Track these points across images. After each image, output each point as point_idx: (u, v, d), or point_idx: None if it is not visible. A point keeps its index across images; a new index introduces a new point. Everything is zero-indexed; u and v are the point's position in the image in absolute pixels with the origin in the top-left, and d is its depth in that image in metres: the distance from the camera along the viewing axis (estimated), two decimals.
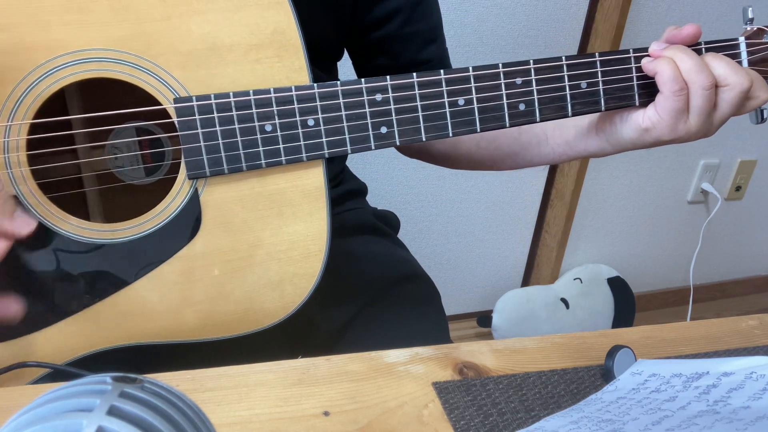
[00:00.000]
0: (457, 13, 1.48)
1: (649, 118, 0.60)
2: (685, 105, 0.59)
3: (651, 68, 0.60)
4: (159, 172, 0.66)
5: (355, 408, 0.51)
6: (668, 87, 0.58)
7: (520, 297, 1.81)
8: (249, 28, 0.55)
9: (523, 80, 0.59)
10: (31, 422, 0.29)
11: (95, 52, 0.54)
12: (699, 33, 0.61)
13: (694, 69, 0.58)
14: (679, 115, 0.59)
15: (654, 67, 0.59)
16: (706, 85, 0.58)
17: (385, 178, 1.61)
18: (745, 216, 2.13)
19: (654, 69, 0.59)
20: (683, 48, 0.59)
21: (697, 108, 0.59)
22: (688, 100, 0.59)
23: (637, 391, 0.52)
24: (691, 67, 0.58)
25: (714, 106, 0.60)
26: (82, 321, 0.57)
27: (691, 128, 0.60)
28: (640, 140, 0.63)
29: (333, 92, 0.57)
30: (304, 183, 0.58)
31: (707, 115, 0.59)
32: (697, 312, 2.10)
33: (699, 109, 0.59)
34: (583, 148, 0.68)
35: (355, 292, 0.79)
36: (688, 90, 0.58)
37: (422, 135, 0.59)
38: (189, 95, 0.55)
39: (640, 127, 0.61)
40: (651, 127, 0.61)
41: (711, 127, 0.61)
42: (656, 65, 0.59)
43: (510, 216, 1.82)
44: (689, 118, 0.59)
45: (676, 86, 0.58)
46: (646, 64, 0.60)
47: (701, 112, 0.59)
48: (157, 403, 0.30)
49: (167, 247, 0.57)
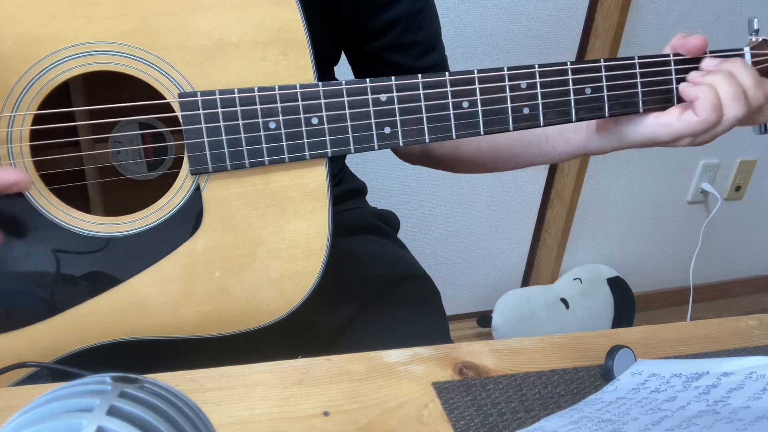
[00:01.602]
0: (457, 13, 1.48)
1: (662, 125, 0.60)
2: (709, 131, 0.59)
3: (692, 93, 0.58)
4: (161, 167, 0.66)
5: (355, 408, 0.51)
6: (707, 114, 0.57)
7: (520, 297, 1.81)
8: (255, 25, 0.55)
9: (528, 84, 0.59)
10: (31, 422, 0.29)
11: (101, 45, 0.54)
12: (705, 45, 0.61)
13: (733, 97, 0.57)
14: (696, 136, 0.59)
15: (696, 92, 0.58)
16: (740, 116, 0.57)
17: (385, 178, 1.61)
18: (745, 216, 2.13)
19: (696, 95, 0.58)
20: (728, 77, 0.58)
21: (715, 134, 0.59)
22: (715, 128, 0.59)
23: (637, 391, 0.52)
24: (731, 94, 0.57)
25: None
26: (81, 314, 0.57)
27: (695, 143, 0.60)
28: (643, 143, 0.63)
29: (338, 91, 0.56)
30: (307, 181, 0.58)
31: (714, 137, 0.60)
32: (697, 312, 2.10)
33: (717, 134, 0.59)
34: (583, 146, 0.68)
35: (355, 292, 0.79)
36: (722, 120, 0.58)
37: (426, 136, 0.59)
38: (194, 90, 0.55)
39: (647, 133, 0.61)
40: (660, 135, 0.60)
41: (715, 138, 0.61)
42: (698, 91, 0.58)
43: (510, 216, 1.82)
44: (700, 138, 0.60)
45: (714, 117, 0.57)
46: (687, 90, 0.59)
47: (717, 135, 0.59)
48: (157, 403, 0.30)
49: (168, 242, 0.57)
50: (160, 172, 0.66)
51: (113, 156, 0.65)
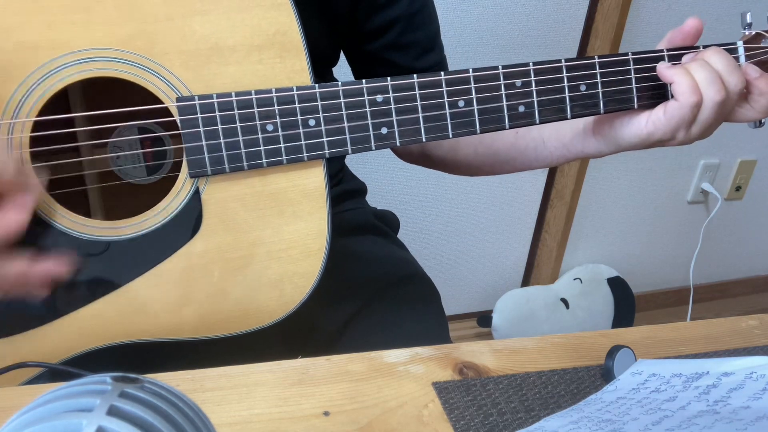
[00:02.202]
0: (457, 13, 1.48)
1: (653, 122, 0.60)
2: (695, 117, 0.59)
3: (668, 75, 0.59)
4: (161, 171, 0.66)
5: (355, 408, 0.51)
6: (686, 97, 0.57)
7: (520, 297, 1.81)
8: (251, 28, 0.55)
9: (523, 82, 0.59)
10: (31, 422, 0.29)
11: (99, 51, 0.54)
12: (700, 26, 0.61)
13: (707, 80, 0.57)
14: (686, 125, 0.59)
15: (672, 75, 0.58)
16: (718, 99, 0.57)
17: (385, 178, 1.61)
18: (745, 216, 2.13)
19: (671, 77, 0.58)
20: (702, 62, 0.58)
21: (702, 120, 0.59)
22: (698, 112, 0.58)
23: (637, 391, 0.52)
24: (705, 78, 0.57)
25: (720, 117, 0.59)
26: (81, 318, 0.57)
27: (691, 137, 0.60)
28: (639, 143, 0.63)
29: (334, 92, 0.57)
30: (305, 182, 0.58)
31: (709, 126, 0.59)
32: (697, 312, 2.10)
33: (704, 121, 0.59)
34: (580, 150, 0.68)
35: (354, 292, 0.79)
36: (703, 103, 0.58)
37: (422, 136, 0.59)
38: (191, 94, 0.55)
39: (642, 132, 0.61)
40: (653, 131, 0.60)
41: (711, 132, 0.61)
42: (674, 74, 0.58)
43: (510, 216, 1.82)
44: (692, 128, 0.59)
45: (694, 98, 0.57)
46: (663, 70, 0.59)
47: (705, 124, 0.59)
48: (157, 403, 0.30)
49: (168, 245, 0.57)
50: (159, 176, 0.66)
51: (113, 161, 0.65)
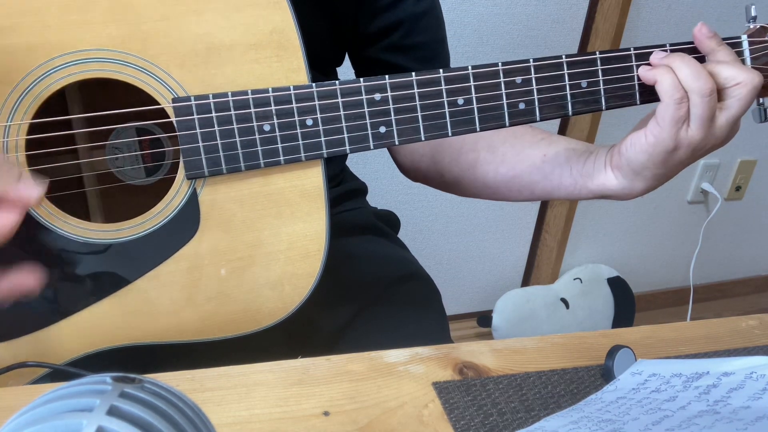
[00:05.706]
0: (457, 13, 1.48)
1: (651, 131, 0.59)
2: (686, 113, 0.58)
3: (650, 77, 0.59)
4: (159, 172, 0.66)
5: (355, 408, 0.51)
6: (669, 95, 0.58)
7: (520, 297, 1.81)
8: (247, 28, 0.55)
9: (523, 79, 0.59)
10: (31, 422, 0.29)
11: (94, 52, 0.54)
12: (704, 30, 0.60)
13: (692, 76, 0.57)
14: (680, 123, 0.58)
15: (653, 75, 0.58)
16: (705, 92, 0.57)
17: (385, 178, 1.61)
18: (745, 216, 2.13)
19: (654, 78, 0.58)
20: (681, 56, 0.59)
21: (695, 116, 0.58)
22: (688, 109, 0.58)
23: (637, 391, 0.52)
24: (688, 74, 0.57)
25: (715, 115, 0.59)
26: (81, 321, 0.57)
27: (694, 136, 0.59)
28: (651, 159, 0.60)
29: (331, 92, 0.56)
30: (303, 183, 0.58)
31: (708, 122, 0.58)
32: (697, 312, 2.10)
33: (697, 116, 0.58)
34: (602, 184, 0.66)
35: (355, 292, 0.79)
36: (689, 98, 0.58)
37: (421, 134, 0.58)
38: (187, 95, 0.55)
39: (646, 144, 0.59)
40: (655, 140, 0.59)
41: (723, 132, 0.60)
42: (656, 74, 0.58)
43: (510, 216, 1.82)
44: (690, 126, 0.59)
45: (677, 95, 0.57)
46: (644, 73, 0.60)
47: (700, 119, 0.58)
48: (157, 403, 0.30)
49: (166, 247, 0.57)
50: (158, 177, 0.66)
51: (111, 162, 0.65)
